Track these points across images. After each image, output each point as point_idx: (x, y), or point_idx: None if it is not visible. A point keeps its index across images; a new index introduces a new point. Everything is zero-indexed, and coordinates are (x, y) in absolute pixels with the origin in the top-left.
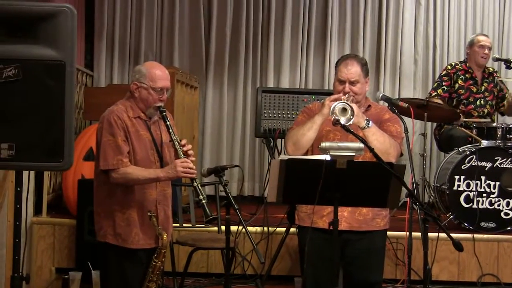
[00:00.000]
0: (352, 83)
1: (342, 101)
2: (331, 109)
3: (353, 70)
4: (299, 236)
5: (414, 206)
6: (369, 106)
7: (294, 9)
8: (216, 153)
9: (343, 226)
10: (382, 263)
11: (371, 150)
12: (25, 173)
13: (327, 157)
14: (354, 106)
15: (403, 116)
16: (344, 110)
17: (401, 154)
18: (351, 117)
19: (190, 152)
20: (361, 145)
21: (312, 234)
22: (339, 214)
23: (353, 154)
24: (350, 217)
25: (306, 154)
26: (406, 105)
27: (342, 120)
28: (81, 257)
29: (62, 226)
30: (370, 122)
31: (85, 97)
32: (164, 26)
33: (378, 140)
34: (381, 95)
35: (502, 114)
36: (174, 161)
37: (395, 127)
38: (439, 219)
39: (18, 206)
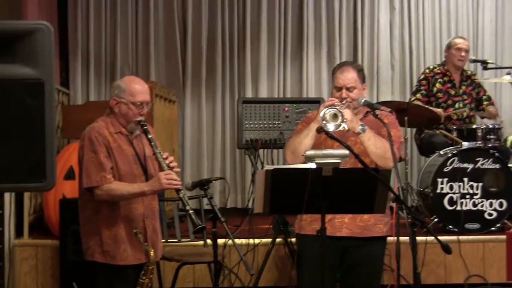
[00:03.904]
0: (349, 89)
1: (332, 107)
2: (321, 116)
3: (349, 76)
4: (299, 244)
5: (400, 211)
6: (367, 112)
7: (269, 18)
8: (196, 166)
9: (343, 232)
10: (381, 270)
11: (356, 156)
12: (6, 195)
13: (312, 165)
14: (347, 112)
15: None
16: (335, 116)
17: (400, 159)
18: (342, 123)
19: (173, 164)
20: (346, 151)
21: (312, 241)
22: (339, 220)
23: (339, 161)
24: (351, 223)
25: (305, 162)
26: (389, 109)
27: (331, 126)
28: (66, 277)
29: (44, 247)
30: (365, 127)
31: (63, 115)
32: (139, 41)
33: (375, 145)
34: (363, 100)
35: (482, 118)
36: (158, 174)
37: (393, 132)
38: (426, 223)
39: (1, 229)
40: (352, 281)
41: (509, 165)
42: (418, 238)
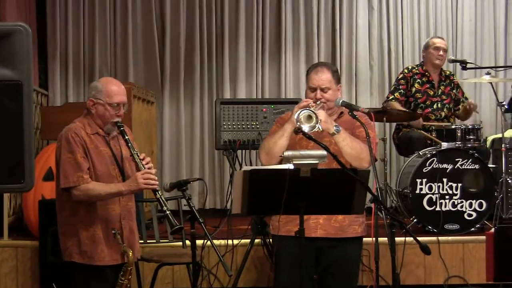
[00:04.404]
0: (323, 90)
1: (306, 108)
2: (295, 117)
3: (323, 77)
4: (274, 245)
5: (379, 212)
6: (342, 112)
7: (247, 19)
8: (175, 167)
9: (318, 233)
10: (357, 271)
11: (334, 157)
12: None
13: (290, 166)
14: (321, 113)
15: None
16: (309, 117)
17: (375, 159)
18: (316, 124)
19: (150, 165)
20: (324, 152)
21: (286, 242)
22: (314, 221)
23: (317, 161)
24: (326, 224)
25: (280, 163)
26: (367, 110)
27: (306, 128)
28: (45, 278)
29: (24, 248)
30: (340, 128)
31: (42, 116)
32: (118, 42)
33: (349, 145)
34: (340, 101)
35: (458, 118)
36: (135, 174)
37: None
38: (405, 224)
39: None
40: (328, 282)
41: (489, 165)
42: (397, 239)
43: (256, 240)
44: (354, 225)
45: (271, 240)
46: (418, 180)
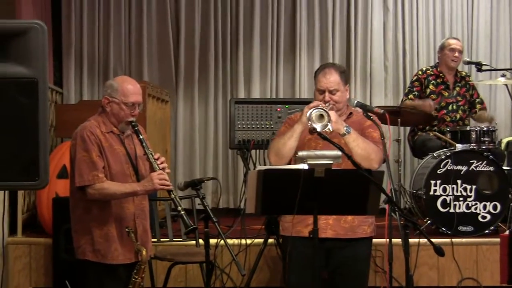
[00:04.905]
0: (332, 91)
1: (318, 107)
2: (307, 116)
3: (332, 79)
4: (284, 246)
5: (393, 213)
6: (351, 113)
7: (262, 18)
8: (189, 166)
9: (328, 234)
10: (367, 272)
11: (349, 157)
12: None
13: (304, 166)
14: (332, 113)
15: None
16: (321, 116)
17: (384, 160)
18: (328, 123)
19: (164, 165)
20: (339, 152)
21: (297, 243)
22: (324, 221)
23: (331, 162)
24: (335, 225)
25: (289, 163)
26: (382, 111)
27: (318, 127)
28: (58, 276)
29: (38, 245)
30: (350, 128)
31: (56, 114)
32: (132, 41)
33: (359, 146)
34: (355, 102)
35: (472, 119)
36: (150, 174)
37: (377, 133)
38: (418, 225)
39: None
40: (337, 282)
41: (503, 167)
42: (411, 240)
43: (270, 240)
44: (364, 226)
45: (280, 240)
46: (432, 182)
